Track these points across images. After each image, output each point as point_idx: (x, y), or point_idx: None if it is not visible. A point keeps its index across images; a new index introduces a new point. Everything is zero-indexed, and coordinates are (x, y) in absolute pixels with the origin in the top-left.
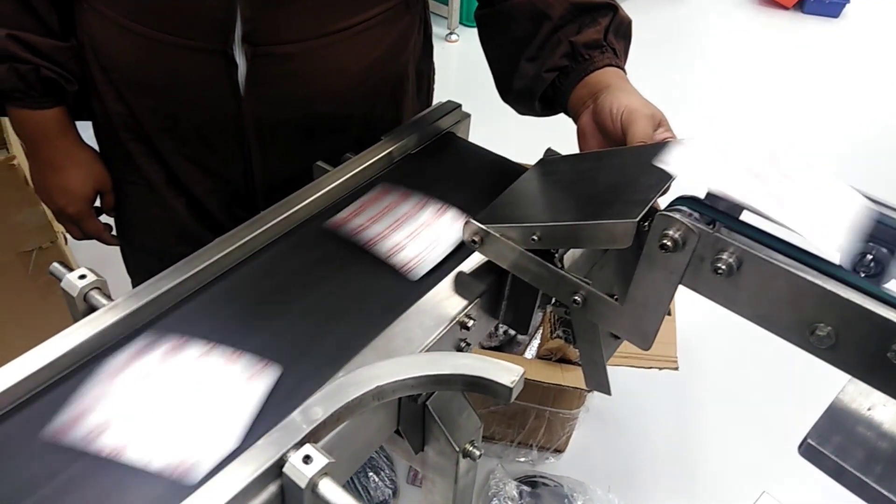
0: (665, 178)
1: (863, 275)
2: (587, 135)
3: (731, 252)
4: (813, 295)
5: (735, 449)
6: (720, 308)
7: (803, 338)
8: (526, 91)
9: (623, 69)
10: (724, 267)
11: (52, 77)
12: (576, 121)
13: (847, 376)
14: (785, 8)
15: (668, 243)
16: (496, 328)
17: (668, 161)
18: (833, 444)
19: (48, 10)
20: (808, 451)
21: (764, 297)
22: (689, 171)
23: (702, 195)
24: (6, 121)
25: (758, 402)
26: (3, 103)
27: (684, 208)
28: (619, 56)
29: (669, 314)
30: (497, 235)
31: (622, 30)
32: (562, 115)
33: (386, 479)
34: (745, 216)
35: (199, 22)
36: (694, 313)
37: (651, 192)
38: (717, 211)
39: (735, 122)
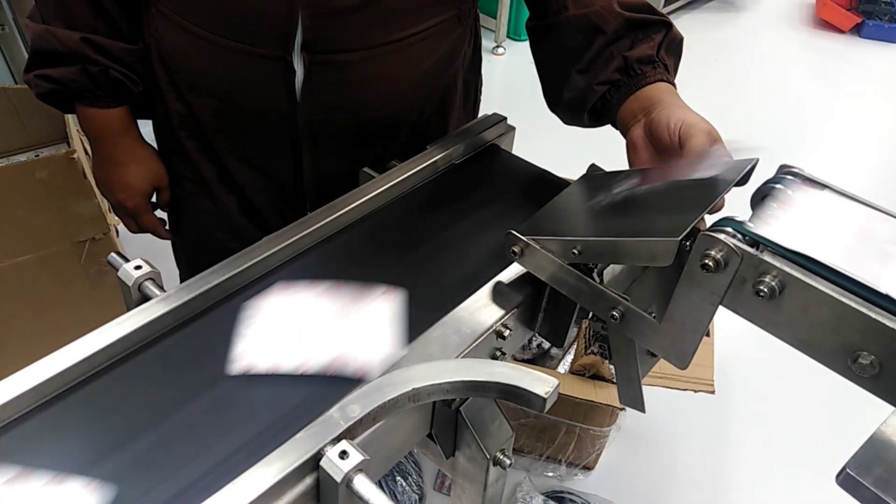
0: (709, 199)
1: None
2: (638, 148)
3: (773, 275)
4: (857, 322)
5: (769, 476)
6: (759, 332)
7: (845, 365)
8: (576, 102)
9: (674, 85)
10: (766, 290)
11: (120, 78)
12: (624, 134)
13: (890, 407)
14: (841, 32)
15: (710, 263)
16: (529, 341)
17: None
18: (874, 475)
19: (120, 16)
20: (846, 480)
21: (806, 322)
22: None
23: (745, 217)
24: (69, 117)
25: (793, 428)
26: (73, 101)
27: (728, 229)
28: (669, 72)
29: (708, 335)
30: (537, 247)
31: (674, 47)
32: (604, 133)
33: (413, 484)
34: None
35: (262, 29)
36: (732, 336)
37: (694, 211)
38: (761, 234)
39: (786, 147)
